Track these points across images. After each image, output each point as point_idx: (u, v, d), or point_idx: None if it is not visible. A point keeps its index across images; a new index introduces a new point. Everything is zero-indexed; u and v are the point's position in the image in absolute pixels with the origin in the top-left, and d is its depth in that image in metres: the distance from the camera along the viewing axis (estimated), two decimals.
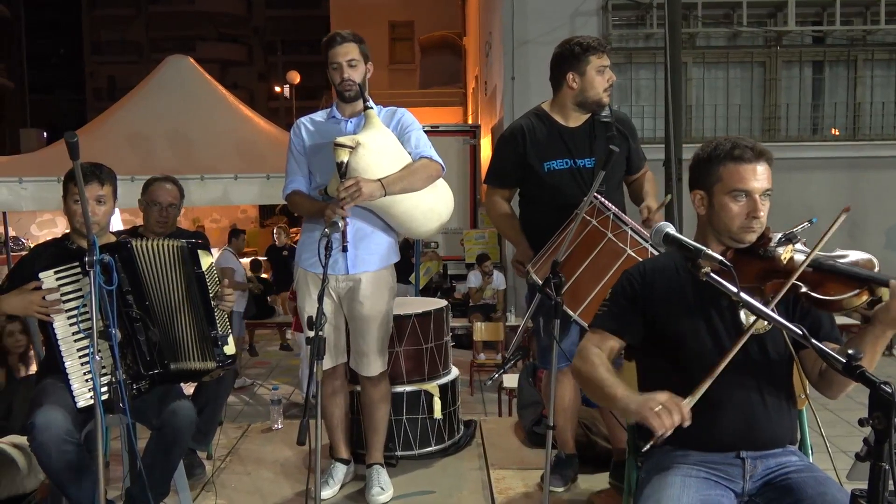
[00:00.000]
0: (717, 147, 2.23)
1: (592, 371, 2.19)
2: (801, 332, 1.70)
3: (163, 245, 3.06)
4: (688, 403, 1.97)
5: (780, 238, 2.16)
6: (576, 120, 3.38)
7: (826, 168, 9.57)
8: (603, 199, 3.09)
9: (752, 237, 2.20)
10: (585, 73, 3.28)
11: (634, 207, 3.51)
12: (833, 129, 10.05)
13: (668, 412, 1.93)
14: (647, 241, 2.95)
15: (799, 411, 2.37)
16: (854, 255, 2.11)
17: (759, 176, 2.17)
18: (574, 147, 3.34)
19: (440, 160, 3.39)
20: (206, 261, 3.12)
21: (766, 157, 2.20)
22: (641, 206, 3.40)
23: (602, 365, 2.19)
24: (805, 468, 2.17)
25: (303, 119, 3.55)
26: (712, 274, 1.83)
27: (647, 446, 1.98)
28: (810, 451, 2.43)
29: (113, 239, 3.19)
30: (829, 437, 2.67)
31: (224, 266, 8.00)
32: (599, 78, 3.29)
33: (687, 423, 1.94)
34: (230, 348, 3.15)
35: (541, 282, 3.03)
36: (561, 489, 3.46)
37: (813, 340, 1.68)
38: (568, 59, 3.30)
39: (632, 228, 3.02)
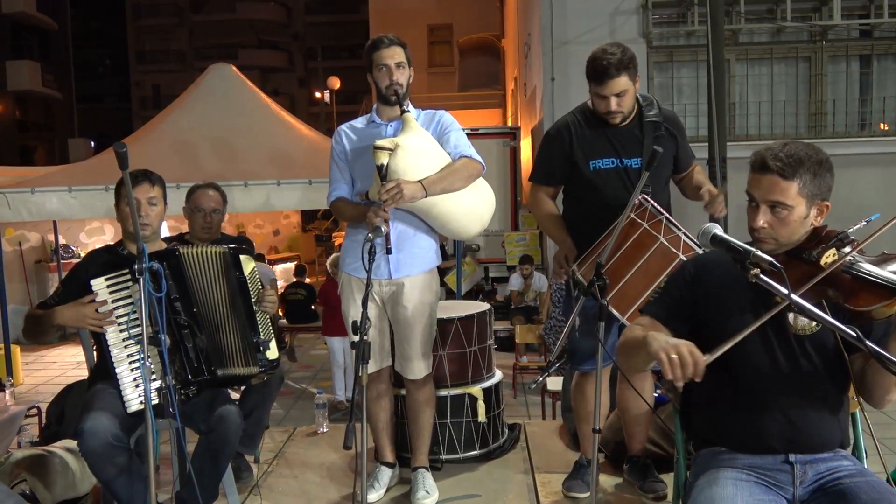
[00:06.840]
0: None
1: (631, 335, 2.19)
2: (854, 334, 1.66)
3: (207, 251, 3.10)
4: (706, 360, 1.94)
5: (833, 240, 2.10)
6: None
7: (875, 164, 9.34)
8: (654, 203, 3.04)
9: (763, 245, 2.15)
10: (593, 92, 3.24)
11: (681, 207, 3.45)
12: (882, 125, 9.81)
13: (684, 364, 1.91)
14: (699, 247, 2.91)
15: (851, 414, 2.32)
16: None
17: (761, 185, 2.16)
18: (621, 146, 3.28)
19: (480, 159, 3.38)
20: (248, 266, 3.15)
21: (773, 169, 2.13)
22: (703, 191, 3.29)
23: (642, 330, 2.18)
24: (858, 473, 2.13)
25: (343, 126, 3.56)
26: (762, 275, 1.79)
27: (657, 392, 1.96)
28: (864, 455, 2.37)
29: (164, 246, 3.24)
30: (884, 439, 2.61)
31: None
32: (599, 101, 3.23)
33: (698, 380, 1.91)
34: (272, 353, 3.17)
35: (586, 282, 3.00)
36: (584, 495, 3.42)
37: (868, 342, 1.64)
38: (587, 73, 3.25)
39: (684, 233, 2.98)
